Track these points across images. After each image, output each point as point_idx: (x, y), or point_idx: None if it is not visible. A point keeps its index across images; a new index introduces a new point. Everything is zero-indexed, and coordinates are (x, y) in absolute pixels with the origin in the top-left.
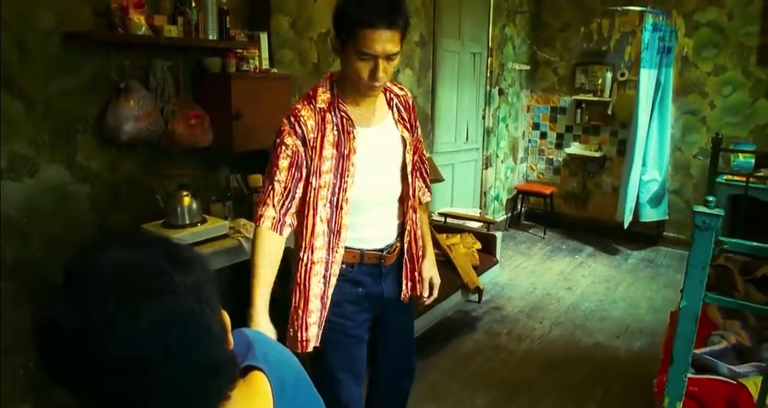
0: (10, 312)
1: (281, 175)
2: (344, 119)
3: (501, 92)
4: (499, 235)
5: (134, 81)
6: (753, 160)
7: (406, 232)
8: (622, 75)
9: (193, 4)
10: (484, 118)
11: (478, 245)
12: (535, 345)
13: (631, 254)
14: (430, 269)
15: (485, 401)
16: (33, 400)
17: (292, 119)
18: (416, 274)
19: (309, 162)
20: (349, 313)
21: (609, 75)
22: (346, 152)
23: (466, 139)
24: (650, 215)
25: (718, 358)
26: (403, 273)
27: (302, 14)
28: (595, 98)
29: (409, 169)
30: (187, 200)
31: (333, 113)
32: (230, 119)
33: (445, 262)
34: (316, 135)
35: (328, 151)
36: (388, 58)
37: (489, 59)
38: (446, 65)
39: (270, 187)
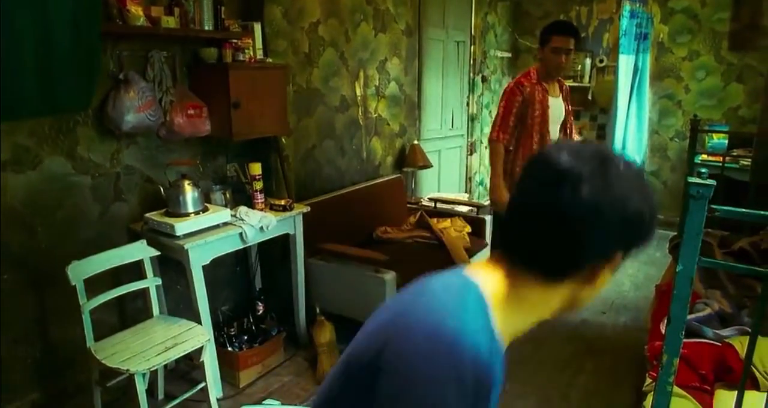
0: (14, 302)
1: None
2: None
3: (484, 79)
4: (488, 218)
5: (133, 72)
6: (726, 141)
7: None
8: (601, 61)
9: None
10: (468, 105)
11: (468, 228)
12: None
13: None
14: None
15: None
16: (40, 389)
17: (518, 86)
18: None
19: (525, 109)
20: None
21: (588, 61)
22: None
23: (452, 126)
24: None
25: (704, 323)
26: None
27: (294, 4)
28: (575, 84)
29: (566, 122)
30: (188, 189)
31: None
32: (228, 109)
33: (438, 245)
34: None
35: (536, 105)
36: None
37: (472, 47)
38: (431, 54)
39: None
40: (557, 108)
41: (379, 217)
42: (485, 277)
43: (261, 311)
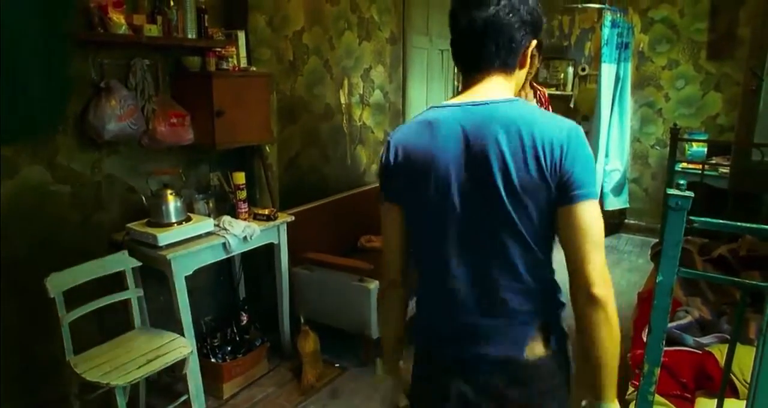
0: None
1: None
2: None
3: None
4: None
5: (115, 80)
6: (705, 149)
7: None
8: (583, 69)
9: (172, 3)
10: None
11: None
12: None
13: None
14: None
15: None
16: (19, 402)
17: None
18: None
19: None
20: None
21: (570, 70)
22: None
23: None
24: (613, 204)
25: (684, 331)
26: None
27: (278, 12)
28: (558, 92)
29: None
30: (171, 198)
31: None
32: (212, 117)
33: None
34: None
35: None
36: None
37: None
38: (416, 61)
39: None
40: None
41: (364, 226)
42: (505, 92)
43: (245, 321)
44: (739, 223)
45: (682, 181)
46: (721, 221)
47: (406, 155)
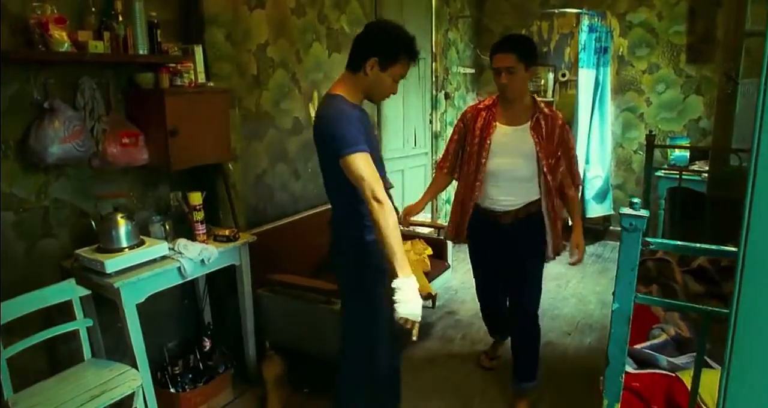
0: None
1: (450, 144)
2: (491, 117)
3: (447, 96)
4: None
5: (59, 100)
6: (688, 154)
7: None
8: (563, 75)
9: (120, 18)
10: (431, 122)
11: (429, 251)
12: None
13: None
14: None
15: None
16: None
17: (466, 111)
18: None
19: (465, 137)
20: None
21: (551, 76)
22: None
23: (414, 144)
24: (596, 211)
25: (659, 350)
26: None
27: (238, 26)
28: (539, 98)
29: (539, 159)
30: (122, 222)
31: (490, 111)
32: (165, 137)
33: None
34: (471, 120)
35: (475, 132)
36: (508, 71)
37: (434, 64)
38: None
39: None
40: (514, 139)
41: None
42: (340, 88)
43: (208, 347)
44: (697, 245)
45: (635, 200)
46: (679, 243)
47: None
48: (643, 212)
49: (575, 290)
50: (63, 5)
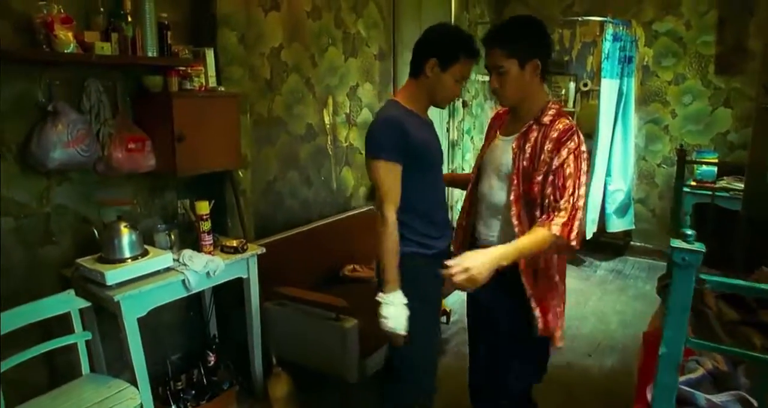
0: None
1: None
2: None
3: (465, 104)
4: None
5: (64, 103)
6: (716, 169)
7: None
8: (585, 85)
9: (129, 19)
10: (448, 130)
11: None
12: None
13: (599, 265)
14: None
15: None
16: None
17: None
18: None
19: None
20: None
21: (572, 85)
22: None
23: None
24: (617, 225)
25: (696, 387)
26: None
27: (252, 29)
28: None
29: (512, 178)
30: (125, 231)
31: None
32: (172, 142)
33: None
34: (489, 127)
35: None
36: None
37: None
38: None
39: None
40: (497, 152)
41: (350, 253)
42: (399, 93)
43: (212, 362)
44: (760, 285)
45: (689, 232)
46: (740, 282)
47: None
48: (698, 246)
49: (595, 308)
50: (71, 5)
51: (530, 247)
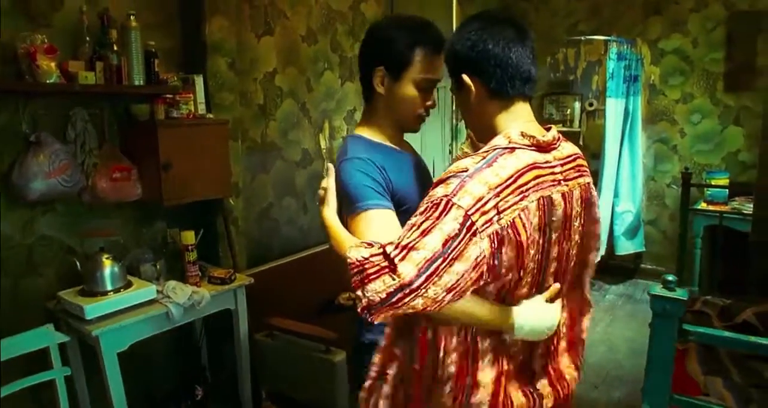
0: None
1: None
2: None
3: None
4: None
5: (47, 133)
6: (727, 190)
7: None
8: (591, 104)
9: (116, 48)
10: (451, 153)
11: None
12: None
13: (608, 289)
14: None
15: None
16: None
17: None
18: None
19: None
20: None
21: (577, 105)
22: None
23: (433, 175)
24: (626, 248)
25: None
26: None
27: (245, 54)
28: (565, 128)
29: None
30: (107, 263)
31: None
32: (158, 171)
33: None
34: None
35: None
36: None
37: None
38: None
39: None
40: None
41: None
42: (360, 126)
43: (200, 396)
44: (746, 337)
45: (670, 277)
46: (726, 335)
47: None
48: (680, 293)
49: (603, 335)
50: (57, 35)
51: (338, 239)
